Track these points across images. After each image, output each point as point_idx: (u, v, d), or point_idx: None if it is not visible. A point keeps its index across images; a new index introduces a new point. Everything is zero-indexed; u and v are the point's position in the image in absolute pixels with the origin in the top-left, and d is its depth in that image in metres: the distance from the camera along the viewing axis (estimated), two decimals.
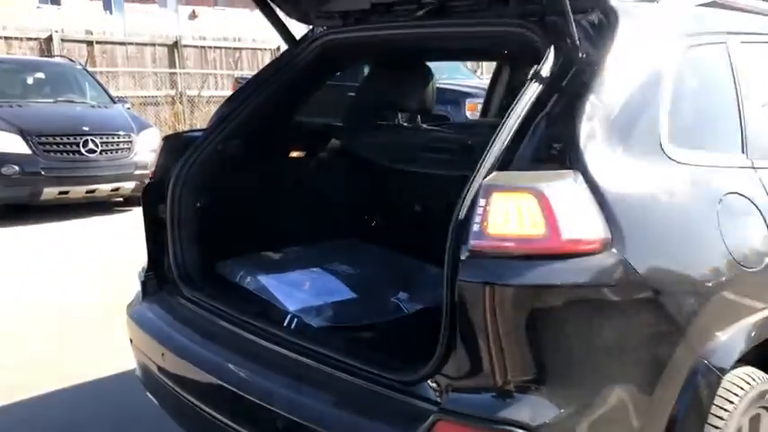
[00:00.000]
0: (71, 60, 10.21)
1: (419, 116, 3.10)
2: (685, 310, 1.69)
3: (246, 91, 2.66)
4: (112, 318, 3.42)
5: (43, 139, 7.54)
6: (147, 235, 2.53)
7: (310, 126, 3.12)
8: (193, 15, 22.54)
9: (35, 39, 13.53)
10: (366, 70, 3.74)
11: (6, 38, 13.24)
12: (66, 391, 3.43)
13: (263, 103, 2.63)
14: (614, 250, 1.54)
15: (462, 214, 1.56)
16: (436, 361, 1.61)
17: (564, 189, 1.53)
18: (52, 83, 9.16)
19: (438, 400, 1.60)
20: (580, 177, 1.56)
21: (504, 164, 1.63)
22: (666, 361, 1.65)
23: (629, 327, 1.60)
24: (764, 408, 1.98)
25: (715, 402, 1.79)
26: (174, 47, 15.36)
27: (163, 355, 2.20)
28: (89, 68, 11.45)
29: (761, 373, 1.96)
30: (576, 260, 1.51)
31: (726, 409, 1.80)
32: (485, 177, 1.57)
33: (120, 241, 6.29)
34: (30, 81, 9.03)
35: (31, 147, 7.45)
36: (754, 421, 1.96)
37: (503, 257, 1.51)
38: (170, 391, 2.20)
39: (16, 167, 7.34)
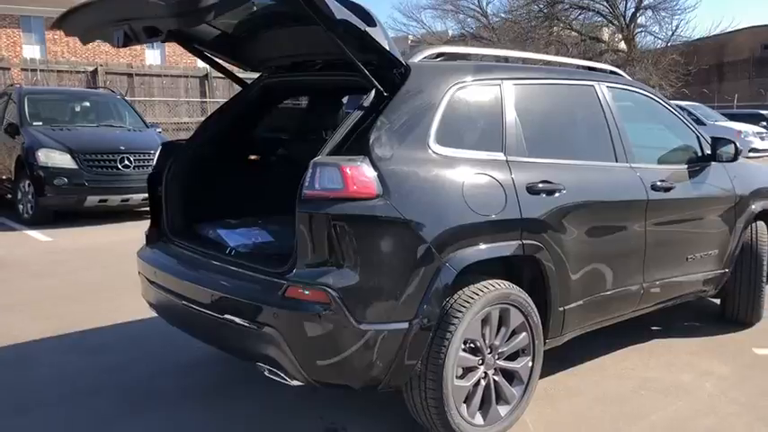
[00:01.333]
0: (112, 91, 11.91)
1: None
2: (433, 235, 3.01)
3: (218, 114, 4.11)
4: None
5: (87, 157, 9.14)
6: (151, 206, 3.97)
7: (266, 138, 4.55)
8: None
9: (83, 71, 15.35)
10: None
11: (59, 71, 15.10)
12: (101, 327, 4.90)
13: (227, 123, 4.07)
14: (383, 199, 2.90)
15: (304, 178, 2.94)
16: (292, 259, 2.98)
17: (354, 165, 2.90)
18: (96, 110, 10.83)
19: (290, 277, 2.97)
20: (366, 160, 2.93)
21: (330, 152, 3.00)
22: (421, 259, 2.97)
23: (394, 238, 2.94)
24: (500, 306, 3.29)
25: (457, 296, 3.11)
26: (204, 78, 17.09)
27: (155, 272, 3.62)
28: (128, 98, 13.15)
29: (502, 283, 3.28)
30: (359, 202, 2.88)
31: (466, 302, 3.12)
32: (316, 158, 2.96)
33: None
34: (77, 109, 10.70)
35: (77, 162, 9.05)
36: (493, 314, 3.27)
37: (319, 200, 2.88)
38: (157, 293, 3.61)
39: (65, 179, 8.95)
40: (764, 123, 24.26)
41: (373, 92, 3.16)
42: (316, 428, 3.46)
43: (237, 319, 3.06)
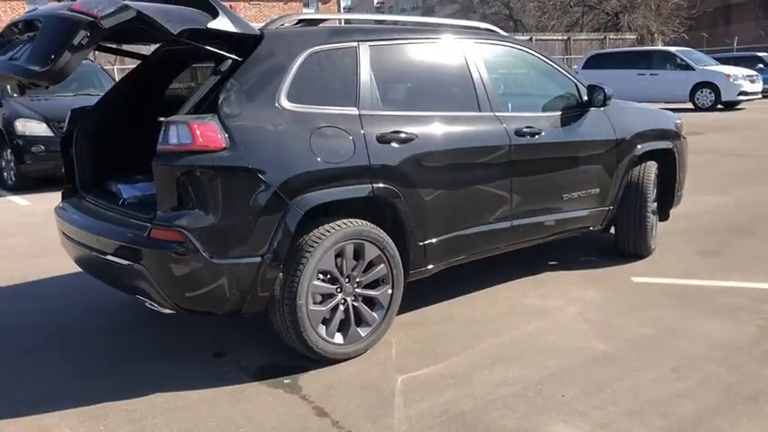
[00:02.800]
0: (92, 61, 12.38)
1: None
2: (280, 181, 3.47)
3: (123, 81, 4.60)
4: None
5: (62, 124, 9.67)
6: (65, 166, 4.49)
7: (173, 100, 5.02)
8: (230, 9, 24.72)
9: None
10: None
11: None
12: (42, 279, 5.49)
13: (133, 88, 4.56)
14: (230, 151, 3.38)
15: (159, 135, 3.42)
16: (157, 205, 3.49)
17: (202, 122, 3.37)
18: (77, 80, 11.30)
19: (154, 221, 3.48)
20: (215, 117, 3.39)
21: (187, 113, 3.47)
22: (268, 202, 3.45)
23: (241, 184, 3.41)
24: (354, 241, 3.76)
25: (311, 233, 3.59)
26: None
27: (67, 226, 4.16)
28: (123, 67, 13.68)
29: (356, 221, 3.75)
30: (207, 154, 3.35)
31: (318, 239, 3.60)
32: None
33: None
34: None
35: (53, 130, 9.61)
36: (347, 248, 3.74)
37: (172, 153, 3.36)
38: (70, 244, 4.15)
39: (42, 147, 9.52)
40: (761, 66, 24.15)
41: (228, 60, 3.61)
42: (207, 353, 4.00)
43: (117, 259, 3.58)
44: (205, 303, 3.52)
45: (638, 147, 5.32)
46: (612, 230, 5.54)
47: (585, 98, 5.04)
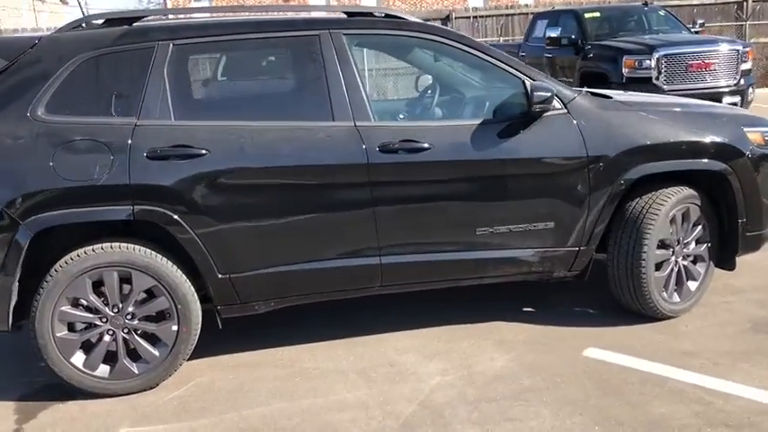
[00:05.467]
0: None
1: None
2: (7, 199, 3.23)
3: None
4: None
5: None
6: None
7: None
8: None
9: None
10: None
11: None
12: None
13: None
14: None
15: None
16: None
17: None
18: None
19: None
20: None
21: None
22: None
23: None
24: (118, 269, 3.36)
25: (63, 259, 3.31)
26: (446, 20, 17.30)
27: None
28: None
29: (123, 246, 3.35)
30: None
31: (63, 265, 3.31)
32: None
33: None
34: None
35: None
36: (108, 278, 3.36)
37: None
38: None
39: None
40: None
41: None
42: None
43: None
44: None
45: (634, 168, 3.80)
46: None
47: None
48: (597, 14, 11.41)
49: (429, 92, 4.13)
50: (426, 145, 3.58)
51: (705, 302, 4.20)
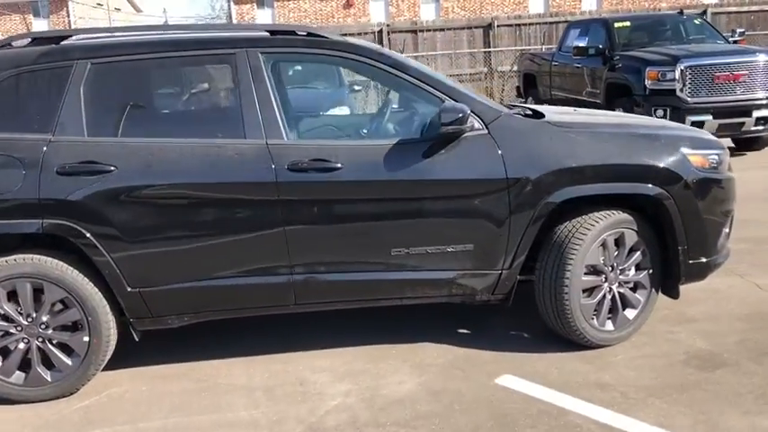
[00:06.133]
0: None
1: None
2: None
3: None
4: None
5: None
6: None
7: None
8: None
9: (370, 32, 16.96)
10: None
11: (348, 34, 16.95)
12: None
13: None
14: None
15: None
16: None
17: None
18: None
19: None
20: None
21: None
22: None
23: None
24: (30, 280, 3.48)
25: None
26: (488, 28, 17.14)
27: None
28: (412, 54, 14.52)
29: (34, 258, 3.47)
30: None
31: None
32: None
33: None
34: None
35: None
36: (20, 288, 3.48)
37: None
38: None
39: None
40: None
41: None
42: None
43: None
44: None
45: (557, 191, 3.67)
46: None
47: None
48: (627, 24, 11.08)
49: (350, 111, 4.11)
50: (339, 165, 3.57)
51: (649, 331, 4.02)
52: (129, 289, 3.58)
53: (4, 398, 3.59)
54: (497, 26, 17.04)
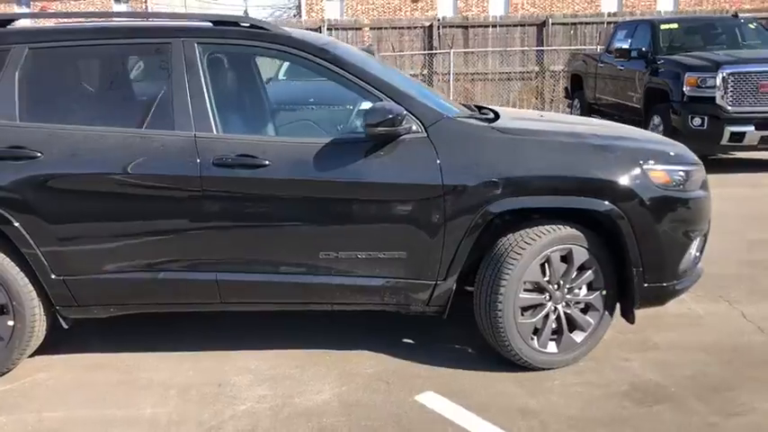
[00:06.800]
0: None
1: None
2: None
3: None
4: None
5: None
6: None
7: None
8: None
9: (420, 27, 16.73)
10: None
11: (398, 27, 16.80)
12: None
13: None
14: None
15: None
16: None
17: None
18: None
19: None
20: None
21: None
22: None
23: None
24: None
25: None
26: (542, 26, 16.64)
27: None
28: (464, 50, 14.37)
29: None
30: None
31: None
32: None
33: None
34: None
35: None
36: None
37: None
38: None
39: None
40: None
41: None
42: None
43: None
44: None
45: (496, 201, 3.45)
46: None
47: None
48: (675, 26, 10.52)
49: (285, 106, 3.96)
50: (266, 162, 3.45)
51: (600, 356, 3.75)
52: (53, 276, 3.56)
53: None
54: (552, 24, 16.53)
